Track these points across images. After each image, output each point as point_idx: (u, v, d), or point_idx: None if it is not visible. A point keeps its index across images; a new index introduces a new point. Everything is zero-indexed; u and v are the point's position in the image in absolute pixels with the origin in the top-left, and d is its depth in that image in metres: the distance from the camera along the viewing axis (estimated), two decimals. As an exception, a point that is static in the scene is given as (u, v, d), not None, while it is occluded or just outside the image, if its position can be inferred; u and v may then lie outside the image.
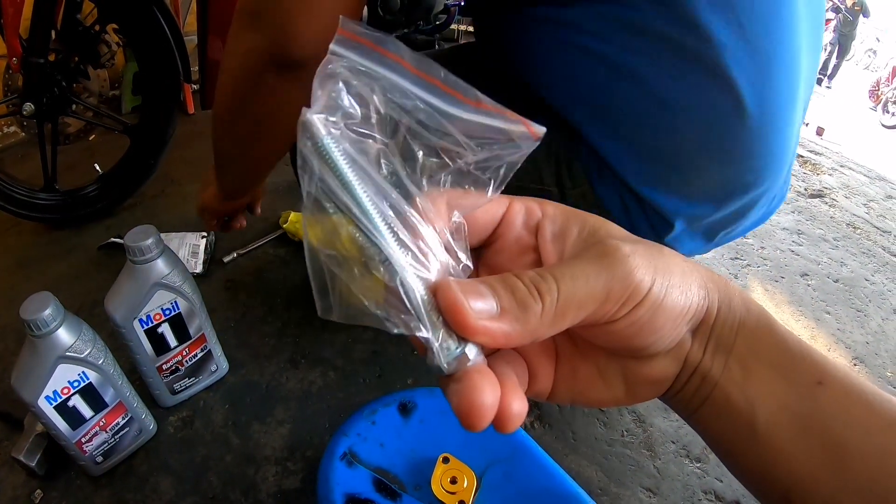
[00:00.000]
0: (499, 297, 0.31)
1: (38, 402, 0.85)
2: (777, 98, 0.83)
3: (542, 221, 0.38)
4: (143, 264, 0.93)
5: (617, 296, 0.33)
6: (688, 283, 0.36)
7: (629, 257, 0.33)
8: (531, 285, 0.31)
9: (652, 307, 0.34)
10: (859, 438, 0.33)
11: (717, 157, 0.85)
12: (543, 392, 0.41)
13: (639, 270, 0.33)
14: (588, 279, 0.32)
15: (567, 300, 0.31)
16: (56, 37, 1.50)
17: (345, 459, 0.86)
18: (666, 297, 0.34)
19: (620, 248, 0.33)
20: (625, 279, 0.32)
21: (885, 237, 2.28)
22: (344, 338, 1.34)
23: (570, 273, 0.32)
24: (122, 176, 1.68)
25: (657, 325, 0.35)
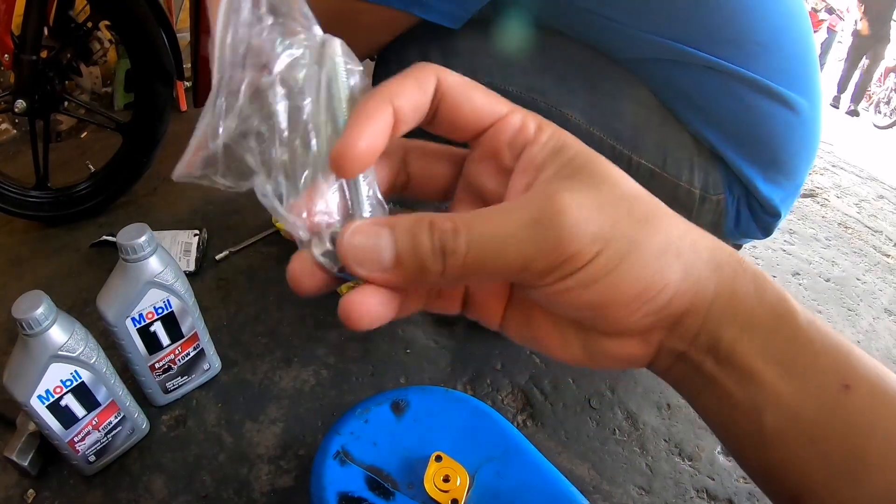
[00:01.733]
0: (397, 251, 0.29)
1: (31, 401, 0.85)
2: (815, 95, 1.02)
3: (528, 148, 0.33)
4: (135, 262, 0.93)
5: (541, 264, 0.28)
6: (665, 262, 0.30)
7: (570, 211, 0.28)
8: (437, 244, 0.28)
9: (588, 281, 0.29)
10: (882, 447, 0.30)
11: (808, 157, 1.07)
12: (490, 324, 0.39)
13: (580, 233, 0.28)
14: (507, 239, 0.28)
15: (475, 264, 0.28)
16: (48, 33, 1.50)
17: (338, 458, 0.86)
18: (616, 274, 0.29)
19: (563, 199, 0.28)
20: (556, 243, 0.28)
21: (876, 237, 2.30)
22: (336, 336, 1.34)
23: (491, 229, 0.28)
24: (114, 174, 1.67)
25: (599, 303, 0.30)
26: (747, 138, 0.99)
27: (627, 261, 0.29)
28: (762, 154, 1.00)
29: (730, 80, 0.93)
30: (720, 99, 0.95)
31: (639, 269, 0.29)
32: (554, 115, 0.96)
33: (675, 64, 0.93)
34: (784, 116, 0.97)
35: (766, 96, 0.95)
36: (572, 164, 0.31)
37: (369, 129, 0.29)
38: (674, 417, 1.25)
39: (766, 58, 0.94)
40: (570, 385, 1.29)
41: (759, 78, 0.93)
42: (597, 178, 0.30)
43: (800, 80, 0.98)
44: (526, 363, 1.33)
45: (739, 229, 1.08)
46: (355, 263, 0.29)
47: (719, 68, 0.92)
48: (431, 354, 1.33)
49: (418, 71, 0.32)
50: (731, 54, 0.92)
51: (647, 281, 0.29)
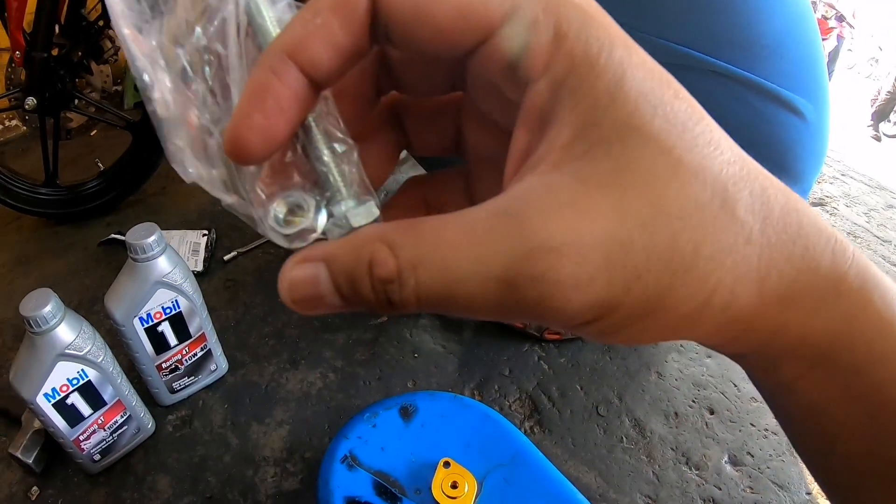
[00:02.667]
0: (341, 296, 0.22)
1: (37, 399, 0.85)
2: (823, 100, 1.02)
3: (536, 82, 0.22)
4: (144, 262, 0.93)
5: (514, 319, 0.22)
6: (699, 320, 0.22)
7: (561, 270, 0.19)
8: (381, 294, 0.21)
9: (584, 334, 0.23)
10: None
11: (815, 162, 1.05)
12: None
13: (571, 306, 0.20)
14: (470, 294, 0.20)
15: (431, 308, 0.21)
16: (59, 31, 1.50)
17: (345, 462, 0.85)
18: (622, 333, 0.22)
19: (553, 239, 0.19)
20: (537, 313, 0.21)
21: (885, 246, 2.28)
22: (344, 339, 1.34)
23: (445, 275, 0.20)
24: (123, 172, 1.68)
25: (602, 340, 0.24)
26: (753, 143, 0.98)
27: (645, 322, 0.22)
28: (768, 159, 0.99)
29: (736, 84, 0.93)
30: (726, 103, 0.95)
31: (658, 331, 0.22)
32: None
33: (681, 68, 0.92)
34: (791, 122, 0.96)
35: (772, 101, 0.94)
36: (601, 127, 0.21)
37: (261, 111, 0.22)
38: (681, 426, 1.24)
39: (772, 61, 0.94)
40: (578, 392, 1.28)
41: (765, 83, 0.92)
42: (636, 170, 0.20)
43: (807, 85, 0.97)
44: (534, 369, 1.32)
45: None
46: (302, 308, 0.22)
47: (725, 73, 0.92)
48: (439, 359, 1.32)
49: None
50: (736, 57, 0.92)
51: (669, 335, 0.23)
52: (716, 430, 1.23)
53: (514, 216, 0.20)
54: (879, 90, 8.17)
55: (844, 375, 0.24)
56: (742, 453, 1.19)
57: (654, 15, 0.91)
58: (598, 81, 0.21)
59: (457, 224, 0.21)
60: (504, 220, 0.20)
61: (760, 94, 0.93)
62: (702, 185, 0.21)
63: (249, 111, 0.21)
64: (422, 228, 0.21)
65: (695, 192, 0.20)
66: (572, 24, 0.21)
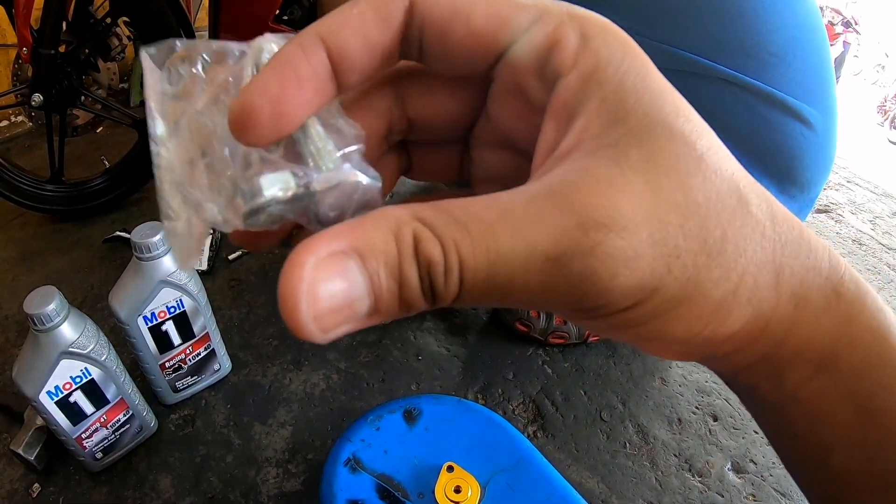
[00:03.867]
0: (375, 298, 0.19)
1: (40, 396, 0.85)
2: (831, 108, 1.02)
3: (564, 77, 0.22)
4: (149, 261, 0.93)
5: (558, 308, 0.21)
6: (731, 308, 0.22)
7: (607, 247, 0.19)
8: (426, 284, 0.19)
9: (620, 326, 0.22)
10: None
11: (822, 170, 1.05)
12: None
13: (617, 285, 0.20)
14: (515, 277, 0.19)
15: (471, 301, 0.20)
16: (67, 28, 1.50)
17: (348, 465, 0.85)
18: (659, 322, 0.22)
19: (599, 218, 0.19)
20: (582, 293, 0.20)
21: (890, 254, 2.27)
22: (348, 341, 1.34)
23: (493, 257, 0.19)
24: (129, 170, 1.68)
25: (632, 341, 0.24)
26: (761, 151, 0.98)
27: (679, 310, 0.21)
28: (776, 167, 0.99)
29: (744, 92, 0.92)
30: (734, 111, 0.95)
31: (692, 319, 0.22)
32: None
33: (690, 75, 0.92)
34: (798, 130, 0.96)
35: (780, 110, 0.94)
36: (629, 120, 0.21)
37: (280, 83, 0.21)
38: (684, 432, 1.24)
39: (780, 69, 0.94)
40: (582, 397, 1.28)
41: (773, 91, 0.92)
42: (664, 159, 0.21)
43: (815, 94, 0.97)
44: (538, 374, 1.32)
45: None
46: (321, 334, 0.19)
47: (733, 80, 0.91)
48: (443, 362, 1.32)
49: None
50: (744, 65, 0.92)
51: (699, 330, 0.22)
52: (719, 437, 1.23)
53: (558, 194, 0.20)
54: (886, 97, 8.17)
55: (846, 380, 0.24)
56: (745, 461, 1.18)
57: (663, 22, 0.91)
58: (626, 78, 0.21)
59: (490, 205, 0.20)
60: (547, 199, 0.20)
61: (768, 103, 0.93)
62: (721, 181, 0.21)
63: (268, 77, 0.20)
64: (450, 208, 0.20)
65: (716, 185, 0.21)
66: (596, 29, 0.22)
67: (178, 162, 0.23)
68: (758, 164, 0.98)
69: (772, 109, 0.94)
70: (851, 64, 10.42)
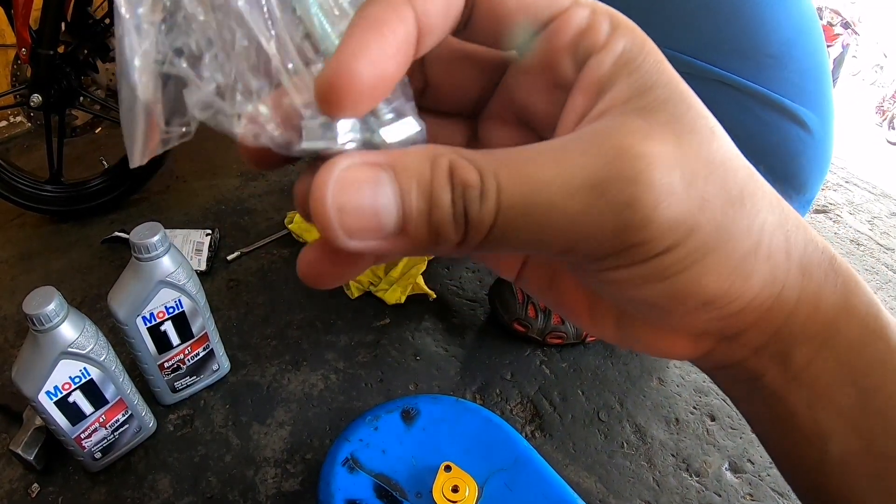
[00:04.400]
0: (403, 213, 0.19)
1: (39, 396, 0.85)
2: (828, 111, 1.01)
3: (596, 55, 0.23)
4: (147, 261, 0.93)
5: (597, 246, 0.21)
6: (753, 263, 0.23)
7: (651, 177, 0.20)
8: (459, 206, 0.19)
9: (654, 276, 0.22)
10: None
11: (819, 173, 1.05)
12: (503, 273, 0.32)
13: (660, 215, 0.20)
14: (554, 206, 0.19)
15: (504, 237, 0.20)
16: (66, 29, 1.50)
17: (346, 465, 0.86)
18: (692, 272, 0.22)
19: (641, 152, 0.20)
20: (625, 223, 0.20)
21: (888, 255, 2.28)
22: (346, 341, 1.34)
23: (533, 187, 0.19)
24: (127, 170, 1.68)
25: (660, 303, 0.23)
26: (757, 152, 0.98)
27: (711, 258, 0.22)
28: (772, 168, 0.99)
29: (740, 94, 0.93)
30: (730, 113, 0.95)
31: (722, 270, 0.22)
32: None
33: (685, 76, 0.93)
34: (795, 133, 0.96)
35: (776, 112, 0.94)
36: (654, 91, 0.23)
37: (379, 43, 0.19)
38: (682, 432, 1.24)
39: (776, 71, 0.94)
40: (580, 397, 1.28)
41: (769, 93, 0.92)
42: (686, 123, 0.22)
43: (812, 96, 0.97)
44: (535, 374, 1.32)
45: None
46: (344, 233, 0.19)
47: (729, 82, 0.92)
48: (441, 362, 1.32)
49: None
50: (741, 66, 0.92)
51: (727, 286, 0.23)
52: (716, 436, 1.23)
53: (597, 134, 0.21)
54: (884, 97, 8.18)
55: (846, 354, 0.25)
56: (742, 460, 1.19)
57: (659, 23, 0.91)
58: (648, 58, 0.23)
59: (529, 146, 0.21)
60: (585, 139, 0.21)
61: (765, 105, 0.93)
62: (732, 150, 0.24)
63: (365, 39, 0.19)
64: (491, 150, 0.21)
65: (730, 151, 0.24)
66: (622, 20, 0.24)
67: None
68: (754, 165, 0.99)
69: (768, 111, 0.94)
70: (850, 64, 10.43)
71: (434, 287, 1.50)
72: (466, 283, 1.58)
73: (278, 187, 1.95)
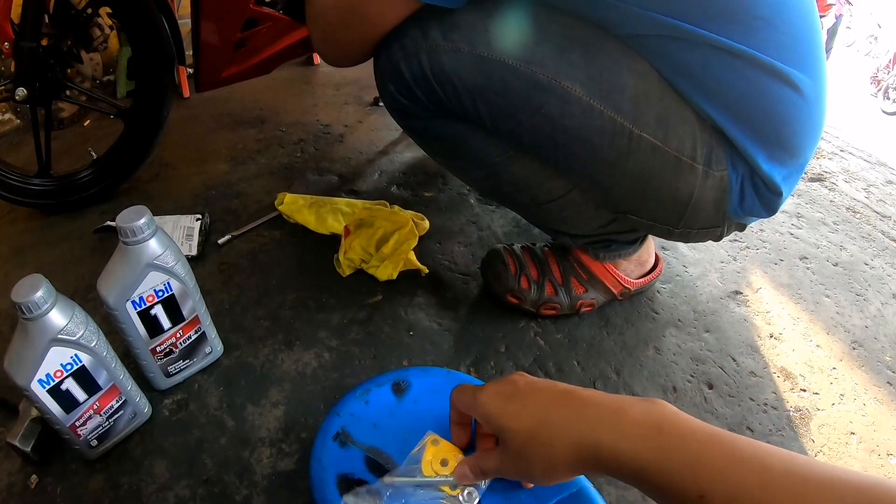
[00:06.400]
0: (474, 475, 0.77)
1: (31, 385, 0.85)
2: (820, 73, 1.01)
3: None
4: (134, 245, 0.93)
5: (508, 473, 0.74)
6: (553, 468, 0.67)
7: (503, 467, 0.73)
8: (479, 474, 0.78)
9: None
10: None
11: (812, 136, 1.05)
12: None
13: (505, 471, 0.73)
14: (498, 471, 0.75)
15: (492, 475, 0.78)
16: (48, 20, 1.49)
17: (338, 440, 0.86)
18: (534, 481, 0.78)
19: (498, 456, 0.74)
20: (512, 465, 0.72)
21: (884, 222, 2.27)
22: (339, 319, 1.34)
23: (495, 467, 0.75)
24: (116, 161, 1.68)
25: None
26: (750, 116, 0.97)
27: (533, 468, 0.71)
28: (765, 132, 0.99)
29: (731, 57, 0.91)
30: (722, 76, 0.94)
31: (541, 470, 0.71)
32: (554, 87, 0.95)
33: (675, 40, 0.92)
34: (787, 95, 0.95)
35: (768, 74, 0.93)
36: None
37: None
38: (680, 401, 1.24)
39: (768, 33, 0.93)
40: (575, 367, 1.28)
41: (761, 55, 0.91)
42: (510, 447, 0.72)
43: (804, 59, 0.96)
44: (530, 345, 1.32)
45: (744, 207, 1.07)
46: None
47: (720, 45, 0.90)
48: (434, 337, 1.32)
49: None
50: (731, 30, 0.91)
51: (545, 471, 0.70)
52: (715, 404, 1.23)
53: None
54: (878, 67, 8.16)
55: None
56: (741, 428, 1.19)
57: None
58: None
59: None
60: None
61: (756, 67, 0.92)
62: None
63: None
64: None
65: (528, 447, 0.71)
66: None
67: None
68: (747, 129, 0.98)
69: (760, 74, 0.93)
70: (844, 35, 10.39)
71: (426, 262, 1.50)
72: (459, 258, 1.58)
73: (267, 170, 1.95)
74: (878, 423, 1.26)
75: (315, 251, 1.57)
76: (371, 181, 1.97)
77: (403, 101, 1.09)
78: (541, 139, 1.03)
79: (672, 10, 0.90)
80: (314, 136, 2.26)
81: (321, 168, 2.02)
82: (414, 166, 2.07)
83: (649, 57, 0.95)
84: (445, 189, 1.94)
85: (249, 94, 2.55)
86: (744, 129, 0.98)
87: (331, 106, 2.57)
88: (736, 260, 1.79)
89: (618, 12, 0.92)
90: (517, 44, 0.96)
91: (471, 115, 1.05)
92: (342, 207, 1.65)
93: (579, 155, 1.03)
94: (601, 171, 1.05)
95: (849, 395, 1.32)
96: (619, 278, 1.37)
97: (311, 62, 3.06)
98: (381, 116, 2.47)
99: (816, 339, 1.49)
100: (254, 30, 1.57)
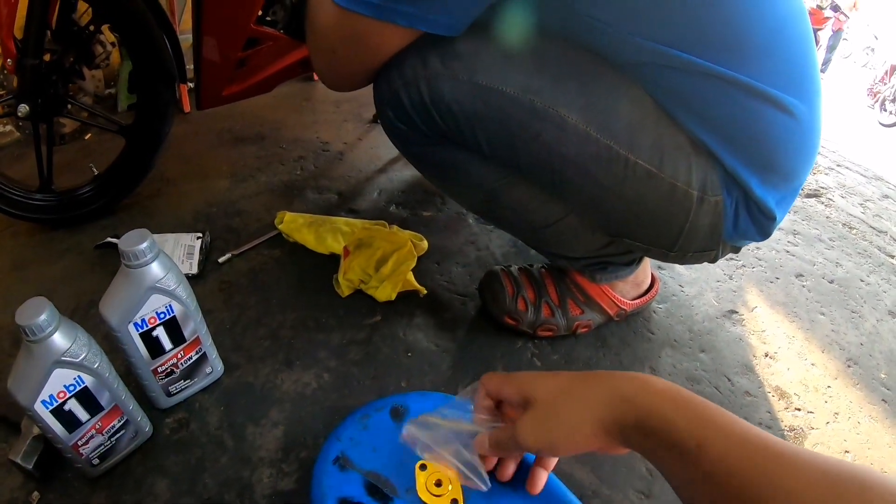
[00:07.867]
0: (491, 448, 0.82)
1: (35, 406, 0.85)
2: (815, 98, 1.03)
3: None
4: (137, 269, 0.94)
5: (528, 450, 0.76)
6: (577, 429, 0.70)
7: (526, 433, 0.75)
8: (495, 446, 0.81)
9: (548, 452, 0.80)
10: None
11: (807, 160, 1.07)
12: None
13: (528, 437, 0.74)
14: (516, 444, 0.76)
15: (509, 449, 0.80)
16: (51, 37, 1.50)
17: (337, 463, 0.87)
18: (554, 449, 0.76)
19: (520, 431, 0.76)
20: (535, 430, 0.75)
21: (880, 237, 2.29)
22: (338, 339, 1.35)
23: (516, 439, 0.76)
24: (117, 176, 1.68)
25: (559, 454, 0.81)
26: (743, 142, 0.99)
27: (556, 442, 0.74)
28: (759, 158, 1.00)
29: (725, 84, 0.93)
30: (716, 103, 0.95)
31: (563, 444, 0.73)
32: (551, 115, 0.97)
33: (670, 69, 0.93)
34: (781, 120, 0.96)
35: (762, 101, 0.94)
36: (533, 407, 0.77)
37: None
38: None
39: (763, 61, 0.94)
40: (571, 388, 1.29)
41: (755, 83, 0.93)
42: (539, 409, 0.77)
43: (798, 84, 0.98)
44: (528, 366, 1.33)
45: (738, 231, 1.08)
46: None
47: (715, 73, 0.92)
48: (433, 358, 1.33)
49: None
50: (726, 58, 0.92)
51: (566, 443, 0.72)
52: (708, 423, 1.24)
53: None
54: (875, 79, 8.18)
55: None
56: (735, 447, 1.19)
57: (644, 17, 0.91)
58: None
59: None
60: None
61: (749, 94, 0.93)
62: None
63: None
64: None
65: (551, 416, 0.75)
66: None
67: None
68: (740, 154, 0.99)
69: (753, 100, 0.94)
70: (841, 47, 10.42)
71: (424, 283, 1.51)
72: (457, 279, 1.59)
73: (268, 187, 1.96)
74: (873, 440, 1.27)
75: (314, 271, 1.57)
76: (370, 199, 1.98)
77: (402, 127, 1.11)
78: (538, 166, 1.05)
79: (667, 39, 0.91)
80: (314, 153, 2.27)
81: (321, 186, 2.03)
82: (413, 185, 2.08)
83: (644, 84, 0.97)
84: (444, 208, 1.96)
85: (250, 110, 2.56)
86: (737, 155, 0.99)
87: (330, 123, 2.57)
88: (732, 279, 1.80)
89: (614, 41, 0.93)
90: (515, 72, 0.97)
91: (469, 142, 1.06)
92: (341, 227, 1.66)
93: (576, 181, 1.04)
94: (597, 197, 1.06)
95: (843, 414, 1.34)
96: (616, 300, 1.38)
97: (310, 78, 3.07)
98: (381, 134, 2.47)
99: (811, 358, 1.50)
100: (254, 49, 1.58)
